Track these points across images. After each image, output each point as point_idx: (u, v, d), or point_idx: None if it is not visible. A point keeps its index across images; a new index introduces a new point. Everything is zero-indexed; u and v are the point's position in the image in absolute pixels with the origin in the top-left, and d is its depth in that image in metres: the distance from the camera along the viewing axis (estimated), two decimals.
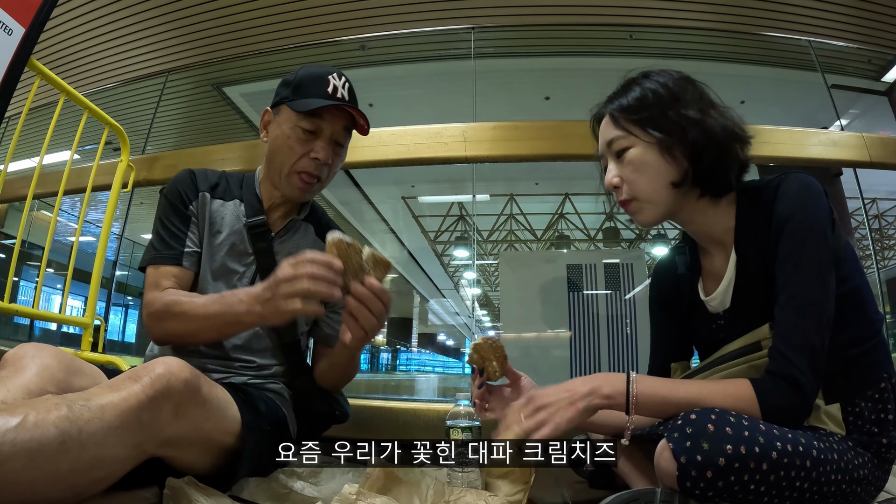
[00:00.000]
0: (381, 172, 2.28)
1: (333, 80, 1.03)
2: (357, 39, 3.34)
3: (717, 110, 0.81)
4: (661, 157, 0.81)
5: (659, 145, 0.81)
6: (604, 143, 0.87)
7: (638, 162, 0.82)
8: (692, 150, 0.79)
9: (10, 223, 4.55)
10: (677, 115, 0.80)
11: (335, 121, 1.03)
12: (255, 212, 1.07)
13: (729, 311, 0.88)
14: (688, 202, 0.84)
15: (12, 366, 0.71)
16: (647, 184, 0.82)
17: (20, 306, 1.74)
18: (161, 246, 1.02)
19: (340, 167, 1.13)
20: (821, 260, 0.75)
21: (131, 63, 3.53)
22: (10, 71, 1.39)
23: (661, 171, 0.81)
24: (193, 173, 1.09)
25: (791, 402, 0.73)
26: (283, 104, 1.04)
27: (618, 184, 0.85)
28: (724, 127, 0.80)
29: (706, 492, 0.65)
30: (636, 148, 0.82)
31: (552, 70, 3.75)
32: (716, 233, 0.86)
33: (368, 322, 0.86)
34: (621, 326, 2.56)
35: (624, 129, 0.83)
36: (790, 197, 0.76)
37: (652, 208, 0.83)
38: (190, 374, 0.72)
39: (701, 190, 0.83)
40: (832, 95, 2.88)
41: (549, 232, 6.30)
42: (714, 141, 0.79)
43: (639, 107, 0.82)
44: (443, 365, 14.45)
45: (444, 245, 7.10)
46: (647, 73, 0.86)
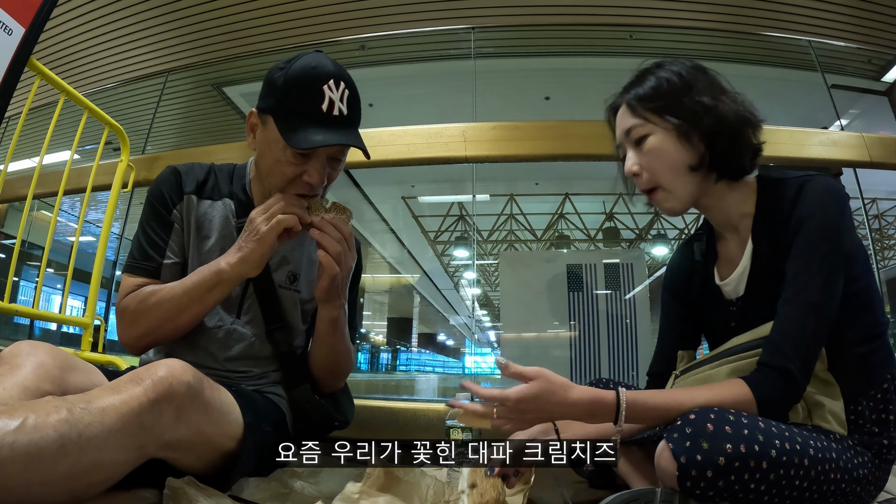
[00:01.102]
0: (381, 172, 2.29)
1: (329, 91, 0.88)
2: (357, 39, 3.34)
3: (728, 96, 0.83)
4: (679, 143, 0.82)
5: (676, 131, 0.82)
6: (622, 132, 0.88)
7: (657, 149, 0.83)
8: (707, 134, 0.81)
9: (10, 223, 4.56)
10: (692, 101, 0.81)
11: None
12: (246, 211, 0.99)
13: (742, 299, 0.88)
14: (706, 186, 0.85)
15: (8, 363, 0.70)
16: (667, 169, 0.83)
17: (20, 306, 1.74)
18: (140, 255, 0.98)
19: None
20: (832, 266, 0.76)
21: (131, 63, 3.53)
22: (10, 71, 1.39)
23: (679, 156, 0.82)
24: (178, 172, 1.02)
25: (783, 394, 0.74)
26: (269, 115, 0.92)
27: (637, 171, 0.86)
28: (737, 112, 0.81)
29: (706, 491, 0.65)
30: (654, 135, 0.83)
31: (552, 70, 3.75)
32: (733, 217, 0.87)
33: (333, 247, 0.89)
34: (621, 326, 2.55)
35: (642, 117, 0.84)
36: (813, 199, 0.77)
37: (678, 196, 0.85)
38: (193, 377, 0.71)
39: (718, 173, 0.84)
40: (832, 95, 2.88)
41: (549, 232, 6.30)
42: (727, 125, 0.81)
43: (655, 95, 0.84)
44: (443, 365, 14.45)
45: (444, 245, 7.10)
46: (660, 64, 0.88)
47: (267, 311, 1.01)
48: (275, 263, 1.04)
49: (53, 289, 4.35)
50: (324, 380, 1.06)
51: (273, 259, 1.03)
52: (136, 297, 0.94)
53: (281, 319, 1.02)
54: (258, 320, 1.02)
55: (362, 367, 11.25)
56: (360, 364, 11.12)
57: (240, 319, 1.01)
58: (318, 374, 1.06)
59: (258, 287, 1.01)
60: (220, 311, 1.00)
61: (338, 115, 0.90)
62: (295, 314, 1.05)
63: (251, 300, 1.02)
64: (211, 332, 0.99)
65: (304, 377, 1.05)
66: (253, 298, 1.02)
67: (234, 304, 1.01)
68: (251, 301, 1.02)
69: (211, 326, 0.99)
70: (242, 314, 1.01)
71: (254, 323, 1.02)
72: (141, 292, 0.94)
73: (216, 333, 0.99)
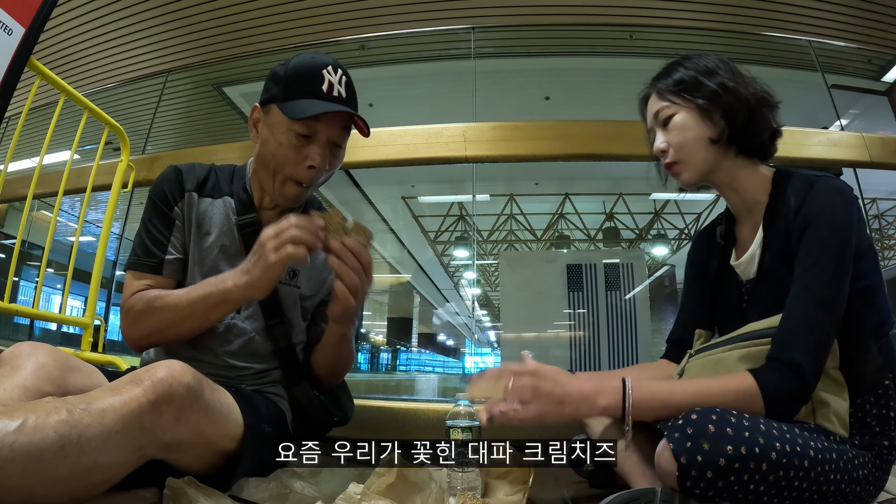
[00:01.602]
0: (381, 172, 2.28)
1: (328, 75, 0.94)
2: (357, 39, 3.34)
3: (745, 79, 0.92)
4: (701, 120, 0.90)
5: (699, 109, 0.90)
6: (651, 116, 0.97)
7: (681, 125, 0.91)
8: (727, 111, 0.89)
9: (10, 223, 4.56)
10: (713, 83, 0.90)
11: (332, 122, 0.95)
12: (246, 209, 1.02)
13: (753, 281, 0.93)
14: (726, 160, 0.92)
15: (8, 364, 0.70)
16: (690, 143, 0.91)
17: (20, 306, 1.74)
18: (142, 252, 0.99)
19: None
20: (840, 263, 0.78)
21: (131, 63, 3.53)
22: (10, 71, 1.39)
23: (701, 131, 0.90)
24: (180, 171, 1.03)
25: (791, 387, 0.74)
26: (272, 103, 0.95)
27: (665, 148, 0.94)
28: (753, 93, 0.90)
29: (706, 491, 0.66)
30: (679, 114, 0.92)
31: (552, 70, 3.75)
32: (748, 201, 0.94)
33: (350, 280, 0.86)
34: (621, 326, 2.56)
35: (668, 99, 0.93)
36: (821, 198, 0.81)
37: (693, 166, 0.92)
38: (192, 378, 0.71)
39: (737, 148, 0.92)
40: (832, 95, 2.88)
41: (549, 232, 6.30)
42: (745, 103, 0.89)
43: (680, 80, 0.93)
44: (443, 365, 14.45)
45: (444, 245, 7.10)
46: (687, 56, 0.97)
47: (267, 307, 1.02)
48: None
49: (53, 289, 4.35)
50: (324, 378, 1.07)
51: None
52: (141, 298, 0.94)
53: (280, 315, 1.02)
54: (258, 315, 1.02)
55: (362, 367, 11.25)
56: (360, 364, 11.12)
57: (240, 314, 1.01)
58: (320, 373, 1.06)
59: None
60: None
61: (337, 96, 0.95)
62: (295, 310, 1.05)
63: None
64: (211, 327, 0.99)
65: (304, 374, 1.06)
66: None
67: None
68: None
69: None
70: (243, 309, 1.02)
71: (254, 318, 1.02)
72: (147, 294, 0.94)
73: (216, 328, 0.99)
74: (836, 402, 0.79)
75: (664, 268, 5.38)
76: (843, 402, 0.80)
